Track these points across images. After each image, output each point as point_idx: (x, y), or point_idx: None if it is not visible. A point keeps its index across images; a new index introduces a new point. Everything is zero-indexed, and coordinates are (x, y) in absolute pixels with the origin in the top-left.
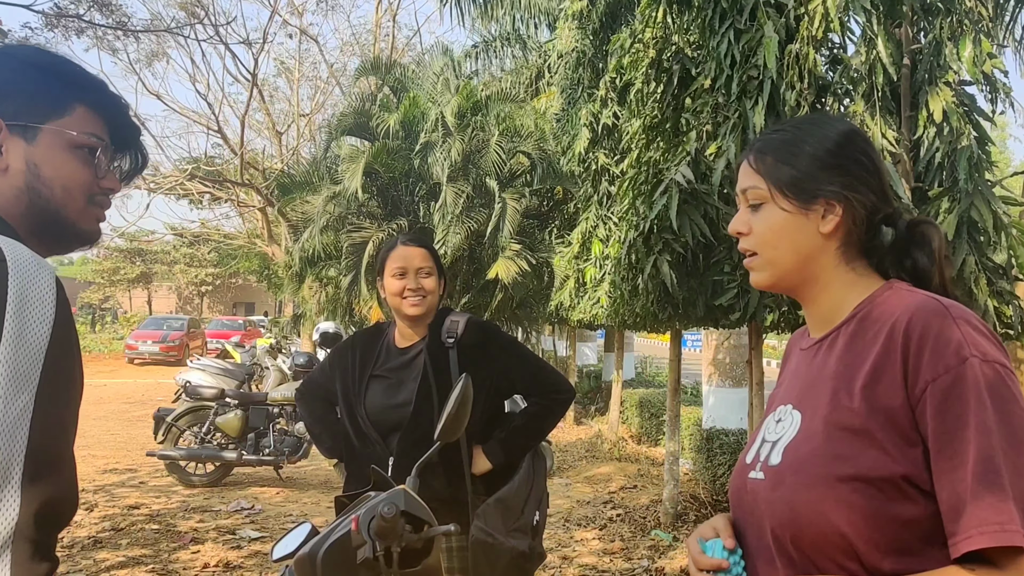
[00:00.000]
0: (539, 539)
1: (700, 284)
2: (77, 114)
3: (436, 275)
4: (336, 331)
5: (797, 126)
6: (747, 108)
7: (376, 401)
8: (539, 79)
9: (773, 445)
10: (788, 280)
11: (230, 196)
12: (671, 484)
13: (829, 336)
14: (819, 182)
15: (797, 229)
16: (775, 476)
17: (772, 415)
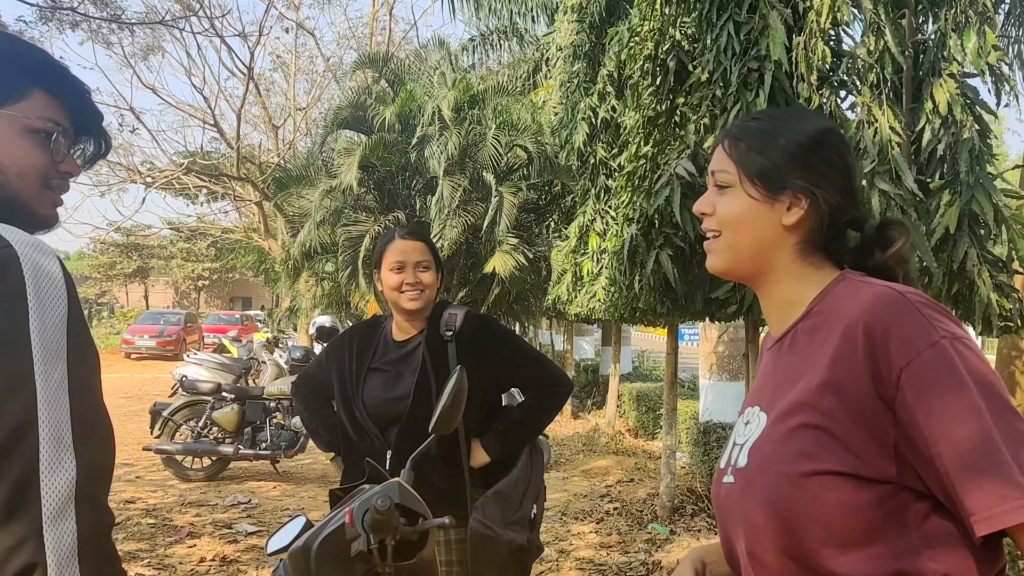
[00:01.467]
0: (536, 532)
1: (698, 277)
2: (34, 99)
3: (434, 269)
4: (332, 325)
5: (775, 117)
6: (748, 100)
7: (374, 394)
8: (536, 73)
9: (741, 448)
10: (743, 268)
11: (226, 190)
12: (668, 477)
13: (788, 334)
14: (788, 174)
15: (759, 217)
16: (743, 479)
17: (742, 417)
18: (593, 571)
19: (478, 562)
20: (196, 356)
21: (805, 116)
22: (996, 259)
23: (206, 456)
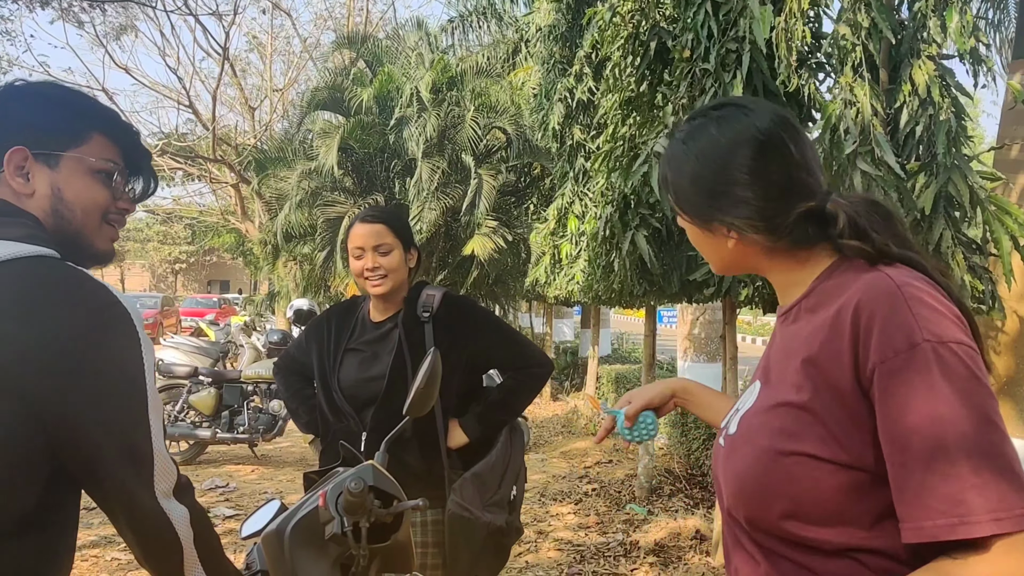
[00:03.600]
0: (516, 514)
1: (674, 259)
2: (94, 142)
3: (400, 249)
4: (310, 308)
5: (691, 135)
6: (726, 81)
7: (350, 374)
8: (516, 54)
9: (736, 414)
10: (733, 271)
11: (202, 172)
12: (646, 459)
13: (792, 309)
14: (704, 209)
15: (709, 243)
16: (730, 444)
17: (750, 387)
18: (572, 551)
19: (456, 544)
20: (173, 339)
21: (718, 129)
22: (971, 241)
23: (183, 440)
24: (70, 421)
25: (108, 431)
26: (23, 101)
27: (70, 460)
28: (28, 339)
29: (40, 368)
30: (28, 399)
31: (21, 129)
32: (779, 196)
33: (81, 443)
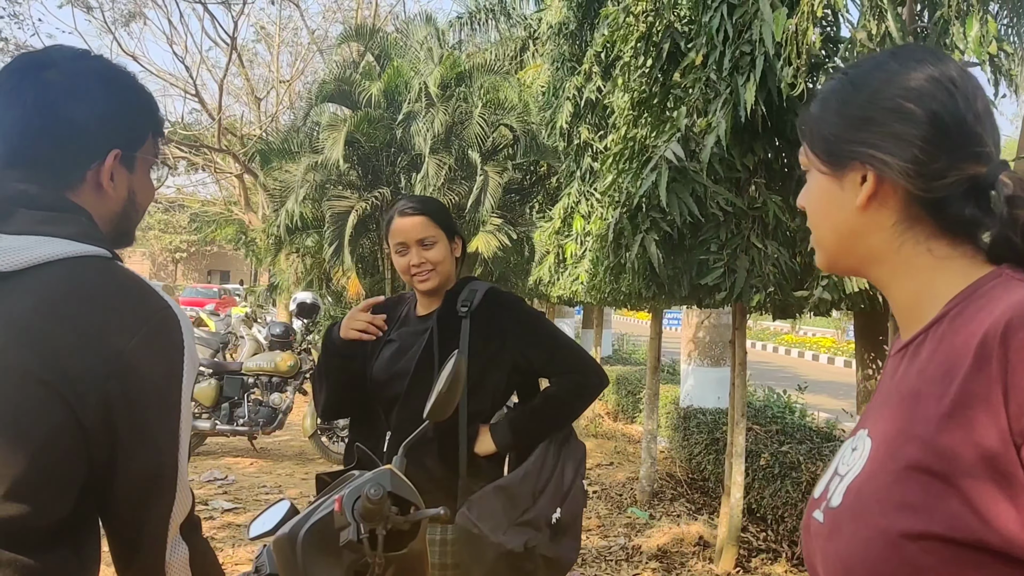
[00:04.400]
0: (561, 539)
1: (685, 263)
2: (149, 140)
3: (444, 241)
4: (313, 301)
5: (845, 72)
6: (739, 84)
7: (381, 368)
8: (524, 51)
9: (841, 480)
10: (843, 263)
11: (207, 162)
12: (648, 462)
13: (915, 340)
14: (846, 140)
15: (834, 202)
16: (833, 522)
17: (850, 440)
18: None
19: (462, 561)
20: None
21: (895, 59)
22: None
23: None
24: (109, 429)
25: (139, 444)
26: (110, 89)
27: (97, 469)
28: (77, 343)
29: (86, 371)
30: (73, 405)
31: (109, 123)
32: (943, 143)
33: (111, 454)
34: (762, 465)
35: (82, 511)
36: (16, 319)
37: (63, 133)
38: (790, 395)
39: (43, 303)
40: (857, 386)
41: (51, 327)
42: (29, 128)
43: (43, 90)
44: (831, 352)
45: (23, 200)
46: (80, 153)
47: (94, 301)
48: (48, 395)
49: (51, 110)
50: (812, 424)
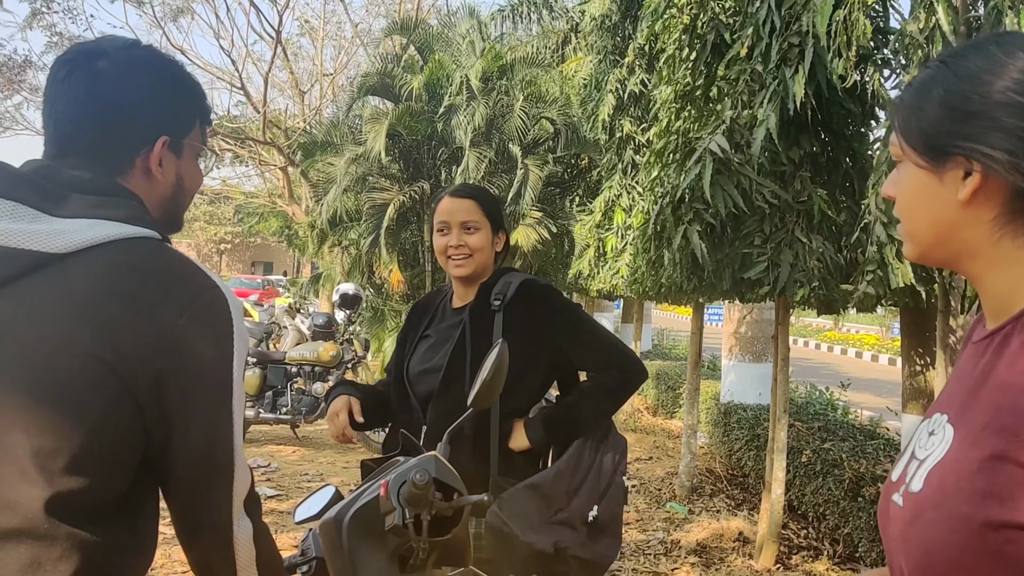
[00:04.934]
0: (600, 538)
1: (728, 256)
2: (196, 128)
3: (487, 230)
4: (356, 292)
5: (943, 60)
6: (787, 76)
7: (416, 363)
8: (566, 44)
9: (920, 465)
10: (934, 255)
11: (252, 155)
12: (688, 457)
13: (1003, 329)
14: (948, 134)
15: (931, 195)
16: (913, 507)
17: (926, 423)
18: None
19: (495, 557)
20: None
21: (1000, 47)
22: None
23: None
24: (161, 406)
25: (194, 421)
26: (159, 77)
27: (154, 448)
28: (130, 320)
29: (138, 348)
30: (127, 381)
31: (157, 110)
32: None
33: (166, 431)
34: (803, 462)
35: (139, 490)
36: (72, 299)
37: (114, 120)
38: (833, 392)
39: (97, 282)
40: (903, 383)
41: (105, 305)
42: (82, 116)
43: (95, 79)
44: (875, 349)
45: (76, 186)
46: (130, 140)
47: (145, 280)
48: (103, 371)
49: (102, 98)
50: (855, 421)
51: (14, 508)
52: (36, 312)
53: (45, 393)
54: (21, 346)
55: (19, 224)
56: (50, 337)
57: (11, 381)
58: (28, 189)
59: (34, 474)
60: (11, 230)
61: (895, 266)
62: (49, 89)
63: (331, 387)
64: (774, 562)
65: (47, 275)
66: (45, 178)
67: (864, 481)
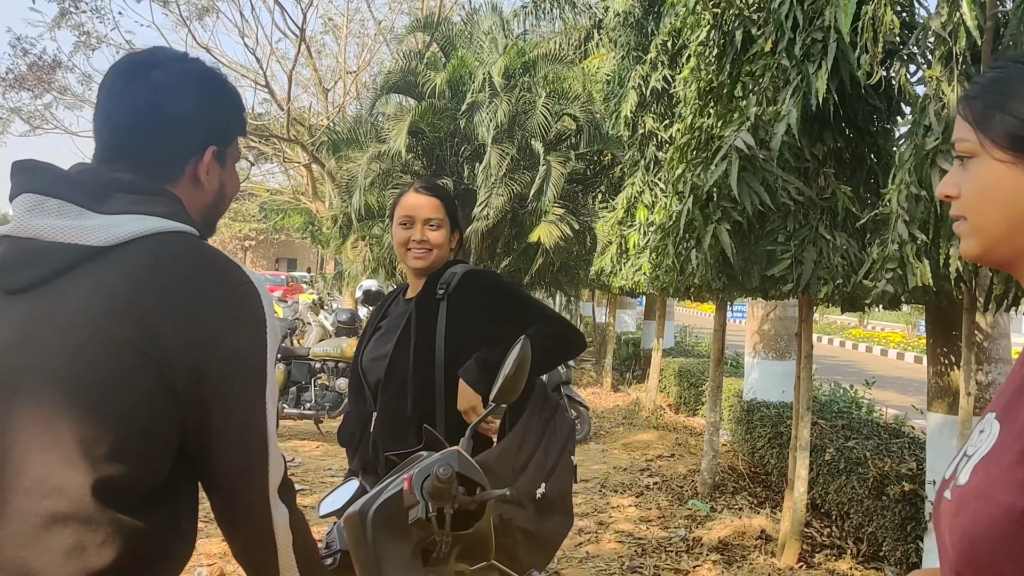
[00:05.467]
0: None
1: (754, 254)
2: (238, 138)
3: (447, 227)
4: (379, 289)
5: (1017, 61)
6: (810, 72)
7: (368, 352)
8: (588, 41)
9: (967, 461)
10: (1000, 252)
11: (276, 152)
12: (710, 455)
13: None
14: None
15: (1013, 187)
16: (959, 499)
17: (980, 423)
18: (633, 544)
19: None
20: None
21: None
22: None
23: None
24: (199, 395)
25: (230, 411)
26: (210, 89)
27: (191, 437)
28: (168, 311)
29: (175, 338)
30: (165, 370)
31: (208, 121)
32: None
33: (203, 421)
34: (827, 460)
35: (178, 479)
36: (111, 290)
37: (170, 130)
38: (857, 390)
39: (135, 274)
40: (928, 382)
41: (143, 297)
42: (139, 125)
43: (152, 90)
44: (901, 347)
45: (119, 186)
46: (183, 149)
47: (182, 272)
48: (141, 361)
49: (160, 109)
50: (880, 420)
51: (61, 492)
52: (79, 303)
53: (87, 382)
54: (65, 337)
55: (66, 220)
56: (91, 328)
57: (56, 370)
58: (72, 188)
59: (79, 460)
60: (59, 226)
61: (915, 265)
62: (105, 98)
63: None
64: (796, 560)
65: (91, 268)
66: (90, 178)
67: (888, 480)
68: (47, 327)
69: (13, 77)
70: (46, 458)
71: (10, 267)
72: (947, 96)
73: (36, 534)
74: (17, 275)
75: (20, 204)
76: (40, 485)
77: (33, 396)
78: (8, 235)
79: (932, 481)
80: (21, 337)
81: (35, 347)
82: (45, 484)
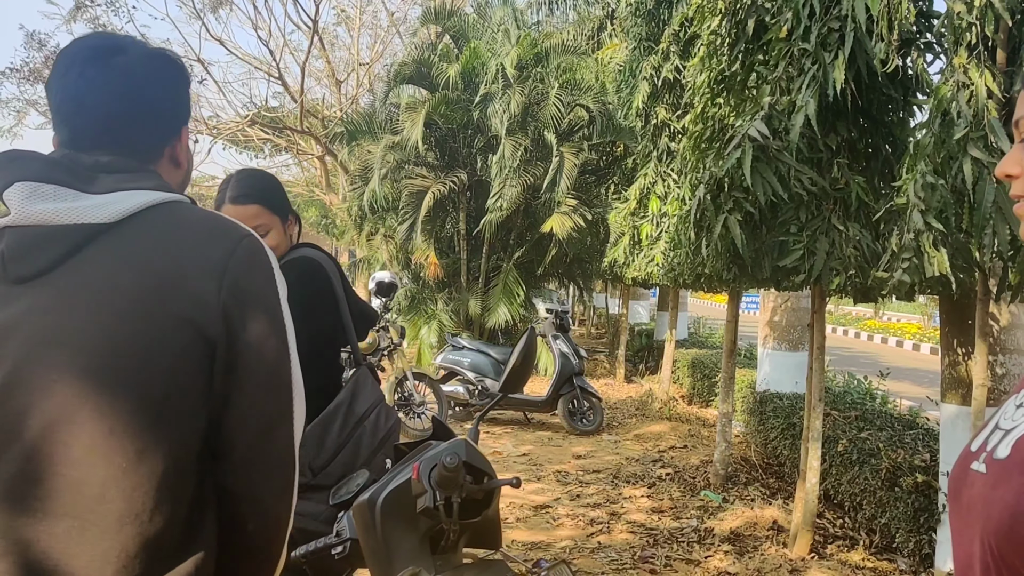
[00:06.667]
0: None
1: (765, 244)
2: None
3: (279, 224)
4: (391, 280)
5: None
6: (826, 62)
7: None
8: (601, 31)
9: (1005, 434)
10: None
11: (289, 144)
12: (723, 445)
13: None
14: None
15: None
16: (999, 471)
17: (1014, 398)
18: (645, 535)
19: None
20: None
21: None
22: None
23: None
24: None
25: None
26: (176, 70)
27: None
28: (192, 267)
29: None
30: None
31: (179, 102)
32: None
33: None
34: (840, 451)
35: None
36: (132, 260)
37: (150, 115)
38: (871, 381)
39: (157, 242)
40: (942, 372)
41: (170, 260)
42: (120, 112)
43: (127, 76)
44: (916, 338)
45: (102, 167)
46: (163, 132)
47: (197, 232)
48: (174, 322)
49: (140, 94)
50: (894, 411)
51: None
52: (102, 279)
53: (127, 349)
54: (97, 312)
55: (64, 203)
56: (123, 299)
57: (93, 344)
58: (64, 172)
59: (123, 428)
60: (60, 209)
61: (931, 254)
62: (74, 83)
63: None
64: (808, 551)
65: (104, 244)
66: (73, 163)
67: (901, 471)
68: (72, 306)
69: (28, 70)
70: (93, 428)
71: (19, 256)
72: (975, 83)
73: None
74: (28, 263)
75: (16, 193)
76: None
77: (72, 371)
78: (9, 226)
79: (945, 472)
80: (48, 320)
81: (65, 326)
82: (93, 454)
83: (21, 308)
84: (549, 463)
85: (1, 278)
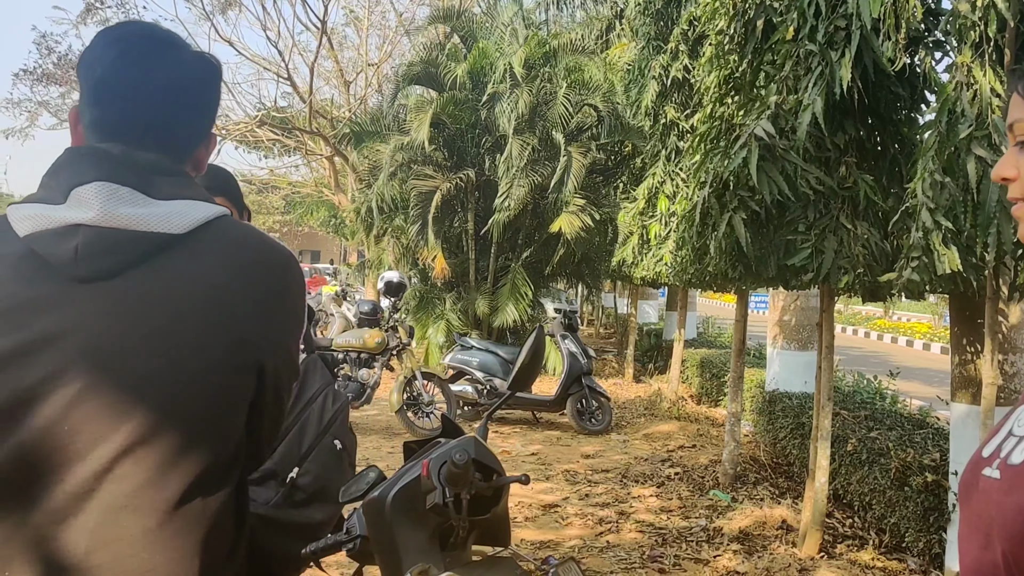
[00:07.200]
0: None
1: (772, 243)
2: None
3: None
4: (400, 280)
5: None
6: (833, 60)
7: None
8: (610, 31)
9: (1020, 440)
10: None
11: (298, 144)
12: (731, 445)
13: None
14: None
15: None
16: (1014, 477)
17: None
18: (653, 534)
19: None
20: None
21: None
22: None
23: None
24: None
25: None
26: (217, 73)
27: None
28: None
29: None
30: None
31: (215, 105)
32: None
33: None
34: (849, 451)
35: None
36: (199, 276)
37: (196, 112)
38: (881, 381)
39: (219, 260)
40: (952, 372)
41: (230, 283)
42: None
43: (182, 69)
44: (927, 338)
45: (154, 168)
46: (200, 131)
47: (253, 253)
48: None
49: (191, 89)
50: (903, 410)
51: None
52: (171, 290)
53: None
54: (165, 321)
55: (139, 208)
56: (190, 313)
57: (158, 351)
58: (131, 173)
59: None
60: (138, 215)
61: (941, 252)
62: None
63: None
64: (818, 551)
65: (175, 256)
66: (135, 163)
67: (911, 470)
68: (142, 312)
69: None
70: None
71: (94, 255)
72: (979, 82)
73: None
74: (98, 264)
75: (97, 192)
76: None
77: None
78: (86, 224)
79: (955, 472)
80: (113, 321)
81: (132, 331)
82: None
83: (78, 312)
84: (558, 462)
85: (68, 275)
